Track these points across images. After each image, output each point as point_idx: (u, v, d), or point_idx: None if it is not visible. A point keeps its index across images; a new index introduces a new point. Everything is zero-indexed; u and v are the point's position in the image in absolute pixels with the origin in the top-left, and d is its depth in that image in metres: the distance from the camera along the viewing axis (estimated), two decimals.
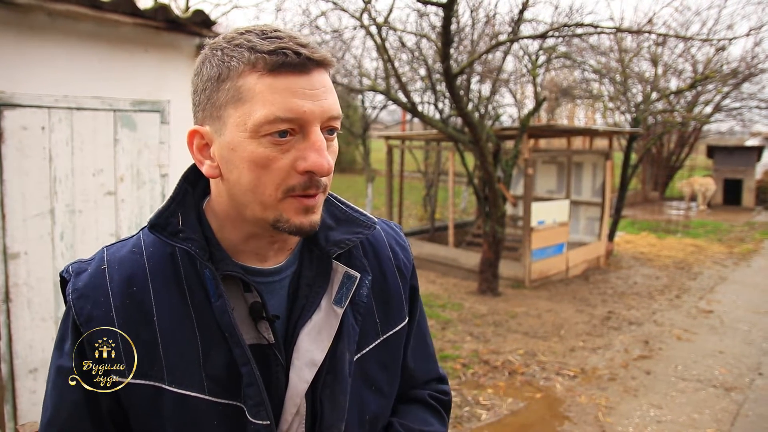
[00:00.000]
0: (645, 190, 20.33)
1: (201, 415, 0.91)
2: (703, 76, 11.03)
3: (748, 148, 20.10)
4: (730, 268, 9.72)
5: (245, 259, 0.97)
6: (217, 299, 0.90)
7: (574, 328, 6.41)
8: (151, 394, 0.91)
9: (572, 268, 9.06)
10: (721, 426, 4.20)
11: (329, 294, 0.99)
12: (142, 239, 0.99)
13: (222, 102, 0.87)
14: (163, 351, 0.91)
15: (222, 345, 0.91)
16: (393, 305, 1.09)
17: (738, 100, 18.18)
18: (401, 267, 1.12)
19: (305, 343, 0.96)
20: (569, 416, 4.35)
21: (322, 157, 0.85)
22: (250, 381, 0.90)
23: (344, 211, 1.05)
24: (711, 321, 6.77)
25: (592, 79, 12.48)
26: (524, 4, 6.43)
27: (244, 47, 0.85)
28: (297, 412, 0.95)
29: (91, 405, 0.93)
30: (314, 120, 0.86)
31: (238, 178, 0.88)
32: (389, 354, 1.08)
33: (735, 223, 14.97)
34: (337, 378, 0.97)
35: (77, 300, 0.92)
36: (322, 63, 0.87)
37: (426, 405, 1.17)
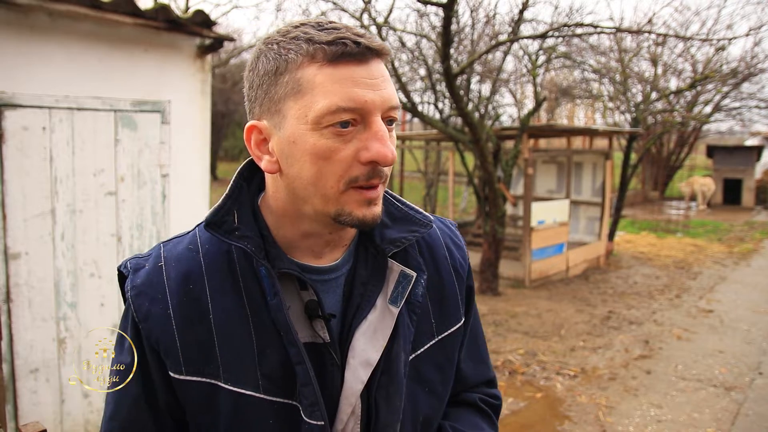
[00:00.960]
0: (645, 190, 20.34)
1: (256, 414, 0.91)
2: (702, 75, 11.03)
3: (748, 148, 20.12)
4: (729, 268, 9.73)
5: (301, 257, 0.96)
6: (273, 297, 0.90)
7: (575, 328, 6.41)
8: (207, 391, 0.91)
9: (572, 268, 9.06)
10: (721, 425, 4.20)
11: (385, 293, 0.97)
12: (198, 236, 0.99)
13: (281, 95, 0.86)
14: (219, 349, 0.91)
15: (277, 343, 0.91)
16: (449, 305, 1.07)
17: (737, 99, 18.17)
18: (457, 266, 1.10)
19: (360, 342, 0.94)
20: (570, 416, 4.35)
21: (386, 147, 0.84)
22: (305, 380, 0.89)
23: (400, 208, 1.04)
24: (711, 320, 6.77)
25: (591, 78, 12.50)
26: (524, 4, 6.44)
27: (301, 39, 0.84)
28: (352, 413, 0.94)
29: (150, 399, 0.94)
30: (375, 109, 0.84)
31: (300, 172, 0.87)
32: (444, 355, 1.06)
33: (735, 223, 14.98)
34: (393, 378, 0.95)
35: (136, 297, 0.93)
36: (380, 52, 0.86)
37: (477, 409, 1.15)
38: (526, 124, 7.80)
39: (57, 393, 3.25)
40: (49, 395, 3.22)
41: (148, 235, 3.46)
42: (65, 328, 3.25)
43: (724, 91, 16.85)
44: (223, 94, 20.00)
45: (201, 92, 3.57)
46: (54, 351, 3.22)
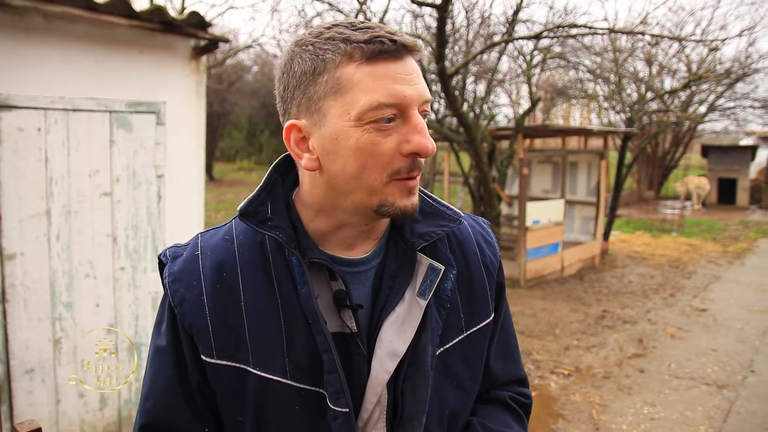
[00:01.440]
0: (640, 190, 20.40)
1: (283, 399, 0.94)
2: (696, 76, 11.07)
3: (742, 148, 20.18)
4: (724, 267, 9.77)
5: (332, 248, 0.99)
6: (303, 286, 0.93)
7: (569, 327, 6.44)
8: (236, 375, 0.95)
9: (567, 268, 9.10)
10: (714, 423, 4.23)
11: (413, 286, 0.99)
12: (234, 227, 1.02)
13: (320, 95, 0.89)
14: (249, 335, 0.94)
15: (305, 332, 0.93)
16: (478, 301, 1.08)
17: (732, 99, 18.24)
18: (487, 263, 1.12)
19: (388, 333, 0.96)
20: (564, 414, 4.38)
21: (426, 138, 0.88)
22: (331, 368, 0.92)
23: (430, 204, 1.06)
24: (704, 319, 6.81)
25: (586, 79, 12.54)
26: (518, 4, 6.47)
27: (337, 39, 0.87)
28: (378, 402, 0.95)
29: (183, 380, 0.98)
30: (413, 103, 0.88)
31: (343, 167, 0.89)
32: (473, 350, 1.07)
33: (729, 222, 15.04)
34: (419, 371, 0.97)
35: (172, 283, 0.97)
36: (413, 49, 0.89)
37: (506, 407, 1.16)
38: (521, 124, 7.83)
39: (53, 393, 3.26)
40: (45, 395, 3.23)
41: (143, 236, 3.47)
42: (60, 328, 3.26)
43: (718, 91, 16.90)
44: (219, 94, 20.00)
45: (196, 93, 3.59)
46: (49, 351, 3.24)
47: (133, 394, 3.56)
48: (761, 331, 6.39)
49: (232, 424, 0.98)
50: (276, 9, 11.38)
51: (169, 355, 0.98)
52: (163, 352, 0.99)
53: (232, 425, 0.98)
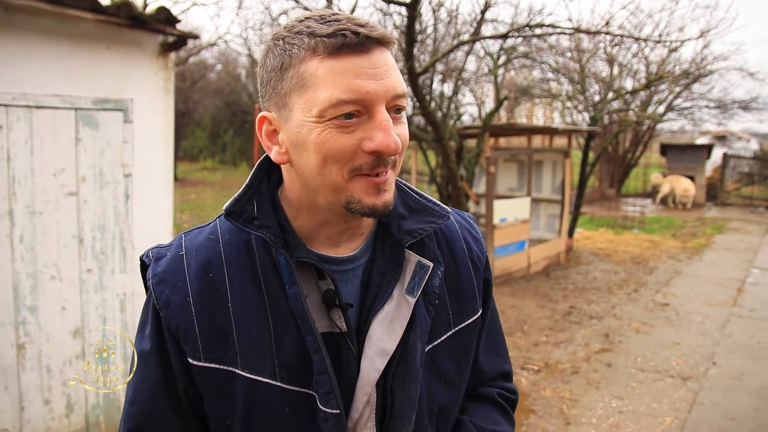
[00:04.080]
0: (602, 188, 20.78)
1: (272, 402, 0.92)
2: (656, 76, 11.33)
3: (699, 147, 20.75)
4: (683, 263, 10.02)
5: (319, 247, 0.97)
6: (291, 286, 0.91)
7: (537, 324, 6.53)
8: (225, 378, 0.92)
9: (534, 265, 9.21)
10: (679, 414, 4.34)
11: (401, 283, 0.98)
12: (219, 226, 1.00)
13: (286, 90, 0.88)
14: (237, 337, 0.92)
15: (294, 332, 0.92)
16: (466, 297, 1.08)
17: (689, 99, 18.70)
18: (475, 259, 1.11)
19: (377, 332, 0.95)
20: (534, 409, 4.43)
21: (389, 137, 0.85)
22: (321, 369, 0.91)
23: (417, 200, 1.04)
24: (667, 313, 6.97)
25: (550, 78, 12.71)
26: (485, 4, 6.52)
27: (304, 33, 0.85)
28: (368, 402, 0.95)
29: (169, 385, 0.95)
30: (378, 99, 0.85)
31: (307, 162, 0.88)
32: (461, 346, 1.07)
33: (687, 219, 15.44)
34: (409, 368, 0.96)
35: (157, 285, 0.95)
36: (382, 41, 0.86)
37: (495, 404, 1.17)
38: (487, 123, 7.89)
39: (16, 400, 3.16)
40: (8, 403, 3.13)
41: (110, 236, 3.39)
42: (24, 332, 3.16)
43: (676, 91, 17.32)
44: (182, 92, 19.69)
45: (164, 90, 3.51)
46: (13, 357, 3.13)
47: (101, 400, 3.47)
48: (720, 324, 6.57)
49: (221, 428, 0.96)
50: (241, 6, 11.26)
51: (153, 359, 0.96)
52: (147, 356, 0.96)
53: (220, 430, 0.96)
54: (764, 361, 5.44)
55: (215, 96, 22.66)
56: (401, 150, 0.89)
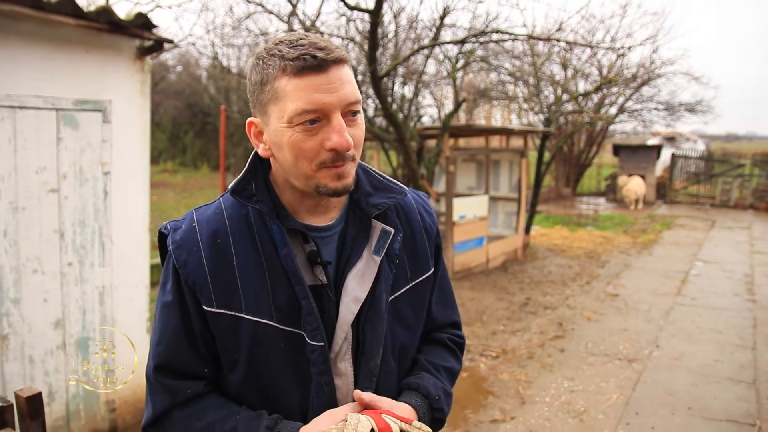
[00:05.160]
0: (558, 187, 21.37)
1: (270, 338, 1.17)
2: (607, 79, 11.84)
3: (649, 147, 21.52)
4: (633, 257, 10.53)
5: (303, 217, 1.22)
6: (284, 248, 1.17)
7: (495, 314, 6.85)
8: (232, 321, 1.17)
9: (492, 260, 9.56)
10: (624, 391, 4.70)
11: (369, 246, 1.24)
12: (222, 203, 1.24)
13: (265, 101, 1.12)
14: (242, 289, 1.17)
15: (286, 284, 1.17)
16: (420, 258, 1.34)
17: (638, 102, 19.44)
18: (428, 228, 1.38)
19: (351, 284, 1.21)
20: (493, 391, 4.73)
21: (342, 137, 1.09)
22: (308, 311, 1.16)
23: (381, 180, 1.30)
24: (617, 303, 7.40)
25: (507, 81, 13.13)
26: (444, 11, 6.82)
27: (276, 56, 1.10)
28: (345, 338, 1.20)
29: (188, 328, 1.19)
30: (334, 108, 1.09)
31: (284, 157, 1.13)
32: (417, 297, 1.33)
33: (638, 216, 16.08)
34: (377, 313, 1.22)
35: (176, 249, 1.18)
36: (337, 60, 1.10)
37: (446, 346, 1.44)
38: (447, 124, 8.20)
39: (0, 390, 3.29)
40: None
41: (90, 231, 3.55)
42: (8, 324, 3.30)
43: (626, 94, 18.00)
44: None
45: (141, 92, 3.69)
46: None
47: (81, 389, 3.63)
48: (665, 311, 7.02)
49: (229, 361, 1.19)
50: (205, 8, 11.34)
51: (175, 308, 1.19)
52: (170, 306, 1.20)
53: (228, 362, 1.20)
54: (702, 344, 5.88)
55: (176, 97, 22.54)
56: (356, 146, 1.14)
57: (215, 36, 9.82)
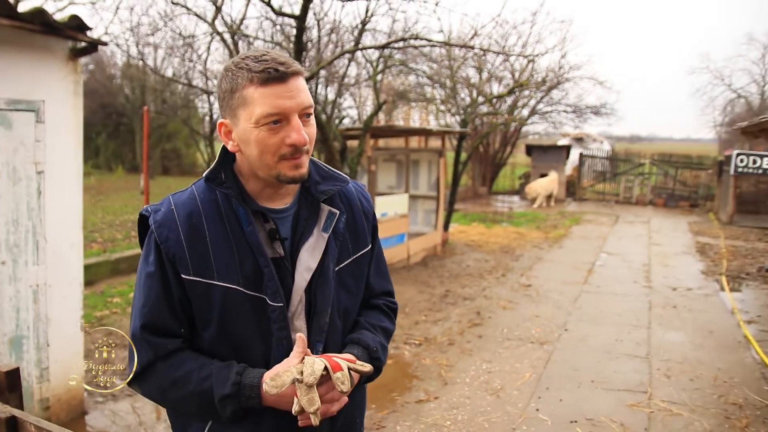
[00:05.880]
0: (474, 186, 22.14)
1: (238, 301, 1.40)
2: (519, 83, 12.51)
3: (559, 147, 22.68)
4: (545, 250, 11.21)
5: (263, 202, 1.46)
6: (248, 226, 1.41)
7: (417, 306, 7.21)
8: (206, 287, 1.39)
9: (413, 256, 9.94)
10: (536, 370, 5.14)
11: (318, 225, 1.49)
12: (195, 189, 1.47)
13: (235, 106, 1.36)
14: (213, 260, 1.39)
15: (251, 256, 1.40)
16: (360, 236, 1.60)
17: (549, 104, 20.50)
18: (366, 211, 1.64)
19: (304, 256, 1.45)
20: (417, 375, 5.06)
21: (300, 135, 1.34)
22: (270, 277, 1.40)
23: (327, 171, 1.55)
24: (529, 293, 7.93)
25: (425, 83, 13.60)
26: (365, 18, 7.11)
27: (244, 69, 1.33)
28: (300, 301, 1.45)
29: (168, 294, 1.40)
30: (293, 112, 1.34)
31: (251, 152, 1.37)
32: (358, 269, 1.59)
33: (550, 213, 16.98)
34: (325, 280, 1.47)
35: (158, 228, 1.40)
36: (295, 73, 1.35)
37: (381, 310, 1.70)
38: (368, 125, 8.50)
39: None
40: None
41: (24, 230, 3.59)
42: None
43: (537, 97, 18.96)
44: None
45: (74, 93, 3.76)
46: None
47: None
48: (573, 299, 7.61)
49: (203, 321, 1.42)
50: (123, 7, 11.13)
51: (157, 277, 1.40)
52: (153, 276, 1.41)
53: (203, 322, 1.42)
54: (604, 326, 6.47)
55: (89, 97, 21.73)
56: (310, 141, 1.39)
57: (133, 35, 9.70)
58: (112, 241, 9.89)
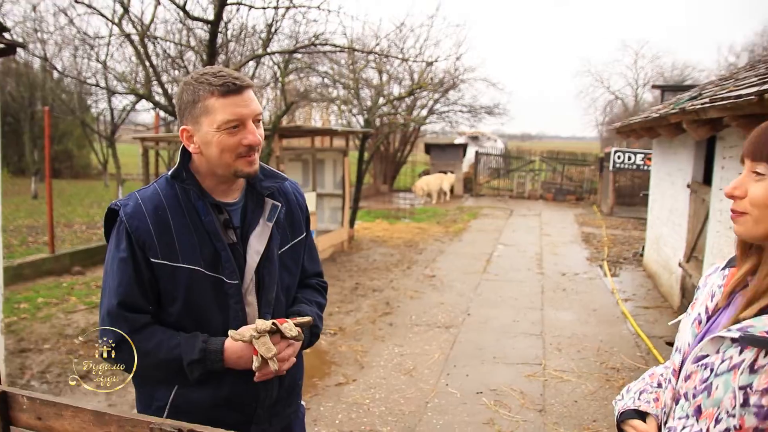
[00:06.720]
0: (377, 184, 22.66)
1: (200, 281, 1.64)
2: (417, 85, 13.07)
3: (456, 146, 23.66)
4: (446, 243, 11.82)
5: (218, 197, 1.71)
6: (207, 216, 1.65)
7: (330, 299, 7.43)
8: (172, 269, 1.62)
9: (321, 252, 10.21)
10: (444, 351, 5.59)
11: (263, 216, 1.75)
12: (157, 186, 1.69)
13: (197, 114, 1.60)
14: (178, 245, 1.62)
15: (209, 242, 1.65)
16: (296, 225, 1.87)
17: (446, 105, 21.35)
18: (300, 204, 1.91)
19: (253, 242, 1.72)
20: (335, 361, 5.37)
21: (255, 136, 1.61)
22: (227, 259, 1.65)
23: (270, 170, 1.81)
24: (434, 283, 8.43)
25: (327, 84, 13.89)
26: (271, 23, 7.31)
27: (205, 83, 1.58)
28: (251, 279, 1.71)
29: (139, 276, 1.62)
30: (248, 118, 1.61)
31: (212, 152, 1.62)
32: (295, 253, 1.86)
33: (449, 208, 17.76)
34: (271, 262, 1.74)
35: (129, 219, 1.62)
36: (248, 86, 1.62)
37: (315, 288, 1.99)
38: (276, 125, 8.69)
39: None
40: None
41: None
42: None
43: (435, 97, 19.72)
44: None
45: None
46: None
47: None
48: (474, 286, 8.19)
49: (170, 298, 1.65)
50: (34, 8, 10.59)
51: (129, 262, 1.62)
52: (125, 260, 1.62)
53: (169, 300, 1.65)
54: (503, 309, 7.06)
55: None
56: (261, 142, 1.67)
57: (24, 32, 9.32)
58: (8, 246, 9.47)
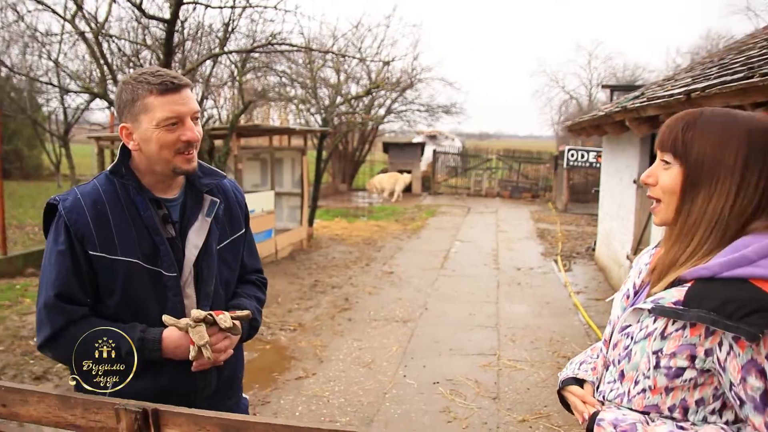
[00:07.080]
0: (335, 183, 22.70)
1: (138, 274, 1.69)
2: (375, 84, 13.20)
3: (414, 145, 23.87)
4: (405, 241, 11.99)
5: (157, 193, 1.77)
6: (146, 211, 1.71)
7: (289, 296, 7.58)
8: (110, 262, 1.67)
9: (281, 251, 10.25)
10: (402, 344, 5.74)
11: (203, 211, 1.82)
12: (97, 181, 1.74)
13: (137, 112, 1.66)
14: (116, 239, 1.67)
15: (148, 236, 1.71)
16: (235, 221, 1.94)
17: (403, 104, 21.55)
18: (239, 201, 1.98)
19: (192, 237, 1.79)
20: (295, 356, 5.45)
21: (193, 133, 1.68)
22: (165, 253, 1.72)
23: (208, 168, 1.87)
24: (392, 279, 8.58)
25: (285, 83, 13.89)
26: (228, 22, 7.34)
27: (144, 82, 1.65)
28: (190, 272, 1.77)
29: (77, 268, 1.66)
30: (186, 115, 1.67)
31: (151, 149, 1.68)
32: (235, 248, 1.93)
33: (407, 207, 17.95)
34: (210, 256, 1.81)
35: (68, 213, 1.65)
36: (186, 85, 1.69)
37: (254, 284, 2.05)
38: (234, 124, 8.70)
39: None
40: None
41: None
42: None
43: (393, 97, 19.90)
44: None
45: None
46: None
47: None
48: (431, 282, 8.37)
49: (108, 290, 1.69)
50: None
51: (67, 255, 1.65)
52: (63, 253, 1.65)
53: (107, 291, 1.70)
54: (460, 303, 7.26)
55: None
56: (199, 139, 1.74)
57: None
58: None
